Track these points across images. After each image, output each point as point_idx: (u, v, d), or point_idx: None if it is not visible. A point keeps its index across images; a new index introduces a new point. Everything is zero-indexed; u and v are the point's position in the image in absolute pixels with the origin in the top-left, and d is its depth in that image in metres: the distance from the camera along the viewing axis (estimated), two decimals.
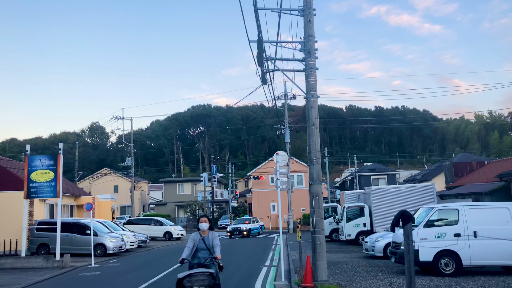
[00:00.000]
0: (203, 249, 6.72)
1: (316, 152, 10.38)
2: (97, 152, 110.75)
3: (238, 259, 17.68)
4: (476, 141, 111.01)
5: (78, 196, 30.20)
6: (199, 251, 6.74)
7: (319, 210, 10.26)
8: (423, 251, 11.22)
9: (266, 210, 44.12)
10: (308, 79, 10.56)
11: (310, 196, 10.35)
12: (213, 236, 6.84)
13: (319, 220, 10.20)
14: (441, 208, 11.72)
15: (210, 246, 6.72)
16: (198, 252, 6.74)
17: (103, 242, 20.44)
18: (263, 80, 12.19)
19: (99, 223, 21.98)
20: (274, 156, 10.75)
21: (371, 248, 16.22)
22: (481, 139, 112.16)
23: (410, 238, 6.39)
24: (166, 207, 53.63)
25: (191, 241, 6.80)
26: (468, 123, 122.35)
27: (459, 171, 32.59)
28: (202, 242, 6.76)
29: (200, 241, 6.78)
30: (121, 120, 46.86)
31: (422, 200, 21.05)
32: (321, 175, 10.44)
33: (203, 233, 6.84)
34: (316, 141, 10.40)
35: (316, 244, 10.10)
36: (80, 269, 16.32)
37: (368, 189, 22.43)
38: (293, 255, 18.22)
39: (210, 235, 6.84)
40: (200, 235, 6.83)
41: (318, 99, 10.59)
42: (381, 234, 16.95)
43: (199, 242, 6.77)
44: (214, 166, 35.72)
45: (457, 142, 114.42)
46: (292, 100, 35.81)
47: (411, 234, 6.55)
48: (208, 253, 6.70)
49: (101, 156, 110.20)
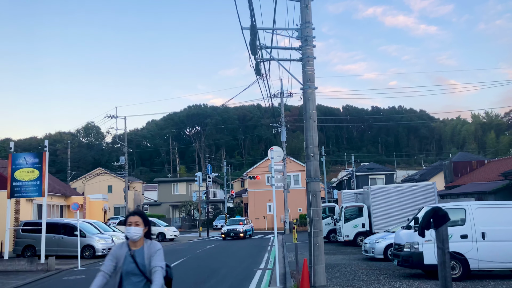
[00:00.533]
0: (134, 274, 3.69)
1: (314, 147, 9.64)
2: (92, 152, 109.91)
3: (231, 261, 16.92)
4: (473, 141, 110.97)
5: (68, 196, 29.35)
6: (127, 277, 3.70)
7: (317, 210, 9.51)
8: (428, 254, 10.48)
9: (262, 211, 43.36)
10: (305, 68, 9.81)
11: (307, 194, 9.60)
12: (151, 250, 3.77)
13: (317, 221, 9.46)
14: (446, 208, 10.97)
15: (145, 268, 3.69)
16: (126, 278, 3.71)
17: (92, 244, 19.64)
18: (257, 71, 11.43)
19: (88, 224, 21.16)
20: (269, 152, 10.00)
21: (370, 249, 15.50)
22: (478, 139, 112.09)
23: (445, 245, 5.33)
24: (160, 208, 52.77)
25: (110, 260, 3.79)
26: (465, 123, 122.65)
27: (459, 170, 31.94)
28: (131, 261, 3.72)
29: (127, 259, 3.74)
30: (114, 118, 46.00)
31: (422, 200, 20.35)
32: (319, 172, 9.69)
33: (133, 244, 3.80)
34: (314, 136, 9.65)
35: (314, 246, 9.35)
36: (65, 272, 15.52)
37: (367, 188, 21.71)
38: (290, 257, 17.49)
39: (146, 247, 3.79)
40: (128, 247, 3.80)
41: (316, 93, 9.85)
42: (381, 235, 16.22)
43: (125, 260, 3.74)
44: (209, 165, 34.88)
45: (453, 142, 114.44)
46: (289, 98, 35.11)
47: (447, 239, 5.56)
48: (143, 279, 3.69)
49: (96, 156, 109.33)
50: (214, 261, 17.08)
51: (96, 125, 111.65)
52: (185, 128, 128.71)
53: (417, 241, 10.61)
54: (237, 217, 37.70)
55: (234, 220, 33.13)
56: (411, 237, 10.81)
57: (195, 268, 14.89)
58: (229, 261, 16.97)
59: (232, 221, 32.92)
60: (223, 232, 30.43)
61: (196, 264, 15.99)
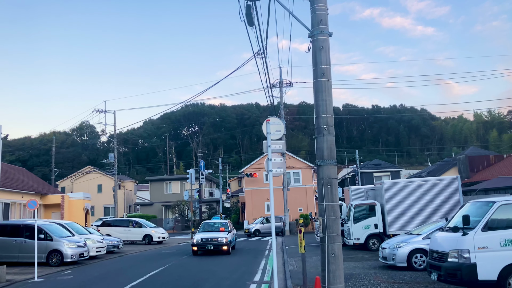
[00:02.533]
0: None
1: (328, 117, 6.80)
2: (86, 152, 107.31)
3: (221, 270, 14.05)
4: (475, 139, 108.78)
5: (44, 194, 26.46)
6: None
7: (333, 206, 6.66)
8: (483, 266, 7.65)
9: (260, 211, 40.46)
10: (314, 5, 6.97)
11: (319, 184, 6.76)
12: None
13: (333, 221, 6.61)
14: (506, 203, 8.12)
15: None
16: None
17: (59, 248, 16.72)
18: (248, 20, 8.52)
19: (56, 225, 18.26)
20: (265, 124, 7.17)
21: (390, 256, 12.65)
22: (480, 137, 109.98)
23: None
24: (152, 208, 49.81)
25: None
26: (466, 122, 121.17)
27: (475, 165, 29.10)
28: None
29: None
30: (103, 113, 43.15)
31: (444, 196, 17.62)
32: (334, 151, 6.83)
33: None
34: (328, 100, 6.82)
35: (329, 257, 6.51)
36: (18, 284, 12.64)
37: (380, 183, 18.88)
38: (291, 264, 14.65)
39: None
40: None
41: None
42: (402, 238, 13.37)
43: None
44: (202, 161, 31.94)
45: (455, 141, 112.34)
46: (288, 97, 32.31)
47: None
48: None
49: (91, 156, 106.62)
50: (200, 270, 14.21)
51: (91, 125, 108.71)
52: (182, 127, 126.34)
53: (467, 249, 7.78)
54: (215, 218, 29.52)
55: (210, 225, 21.52)
56: (458, 243, 7.96)
57: (174, 281, 12.02)
58: (218, 270, 14.11)
59: (207, 226, 21.23)
60: (194, 243, 19.08)
61: (177, 275, 13.11)
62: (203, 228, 20.64)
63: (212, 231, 20.14)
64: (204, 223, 21.87)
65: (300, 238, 7.80)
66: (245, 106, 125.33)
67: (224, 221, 22.00)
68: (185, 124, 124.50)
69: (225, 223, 21.24)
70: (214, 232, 19.75)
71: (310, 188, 41.11)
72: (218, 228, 20.46)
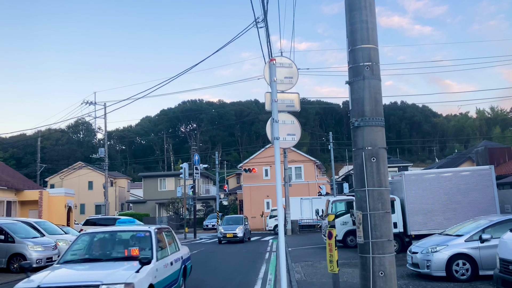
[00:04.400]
0: None
1: (371, 49, 4.20)
2: (82, 149, 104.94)
3: (213, 278, 11.49)
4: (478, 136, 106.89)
5: (20, 190, 23.83)
6: None
7: (381, 193, 4.09)
8: None
9: (259, 208, 37.86)
10: None
11: (356, 157, 4.14)
12: None
13: (381, 217, 4.02)
14: None
15: None
16: None
17: (22, 252, 14.16)
18: None
19: (23, 224, 15.69)
20: (267, 66, 4.59)
21: (424, 262, 10.08)
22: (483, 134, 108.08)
23: None
24: (146, 206, 47.14)
25: None
26: (468, 119, 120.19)
27: (495, 158, 26.53)
28: None
29: None
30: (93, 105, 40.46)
31: (476, 190, 15.03)
32: (381, 104, 4.21)
33: None
34: (370, 22, 4.19)
35: (374, 277, 3.88)
36: None
37: (399, 175, 16.29)
38: (297, 271, 12.07)
39: None
40: None
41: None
42: (437, 239, 10.80)
43: None
44: (196, 154, 29.28)
45: (457, 138, 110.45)
46: None
47: None
48: None
49: (86, 153, 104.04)
50: (189, 278, 11.60)
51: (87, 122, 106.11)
52: (180, 125, 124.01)
53: None
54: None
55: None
56: None
57: None
58: (209, 279, 11.54)
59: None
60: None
61: None
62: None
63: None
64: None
65: (331, 248, 5.12)
66: (244, 103, 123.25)
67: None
68: (183, 121, 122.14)
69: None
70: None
71: (312, 184, 38.54)
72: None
